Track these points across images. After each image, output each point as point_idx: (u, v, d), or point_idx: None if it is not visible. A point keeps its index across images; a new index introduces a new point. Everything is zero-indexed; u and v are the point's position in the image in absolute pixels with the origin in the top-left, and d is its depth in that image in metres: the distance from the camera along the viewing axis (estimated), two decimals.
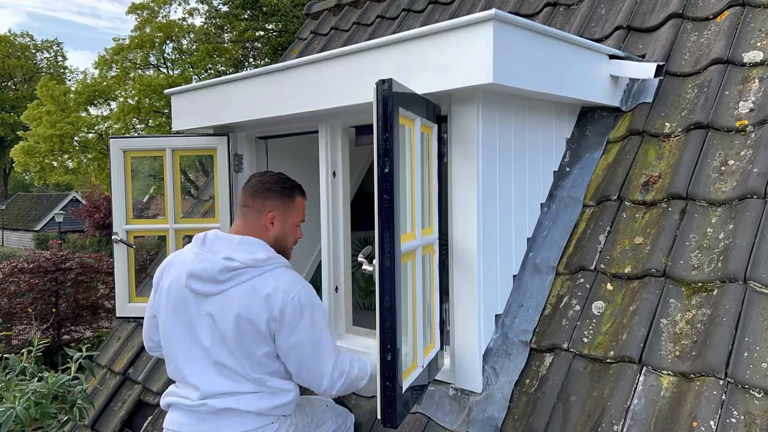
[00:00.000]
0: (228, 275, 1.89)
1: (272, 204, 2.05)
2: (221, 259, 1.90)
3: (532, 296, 2.34)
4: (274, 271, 1.94)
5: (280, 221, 2.06)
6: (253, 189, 2.06)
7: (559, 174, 2.60)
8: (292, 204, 2.10)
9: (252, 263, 1.90)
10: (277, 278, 1.92)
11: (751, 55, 2.43)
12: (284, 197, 2.08)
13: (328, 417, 2.27)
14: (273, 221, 2.05)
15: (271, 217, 2.04)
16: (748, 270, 1.92)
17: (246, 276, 1.90)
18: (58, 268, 11.33)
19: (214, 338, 1.91)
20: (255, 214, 2.04)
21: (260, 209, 2.04)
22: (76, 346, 3.01)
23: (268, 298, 1.88)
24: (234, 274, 1.89)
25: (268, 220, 2.04)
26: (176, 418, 2.00)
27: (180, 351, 1.98)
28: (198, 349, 1.95)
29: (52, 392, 2.55)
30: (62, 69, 42.27)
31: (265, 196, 2.05)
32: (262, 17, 17.56)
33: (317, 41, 4.86)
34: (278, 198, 2.07)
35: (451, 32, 2.08)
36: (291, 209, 2.10)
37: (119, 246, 3.24)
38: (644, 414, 1.83)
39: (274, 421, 1.96)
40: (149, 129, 22.72)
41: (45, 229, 29.49)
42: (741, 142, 2.24)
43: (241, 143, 3.21)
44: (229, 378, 1.92)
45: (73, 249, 19.10)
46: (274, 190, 2.06)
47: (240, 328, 1.88)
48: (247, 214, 2.05)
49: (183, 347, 1.98)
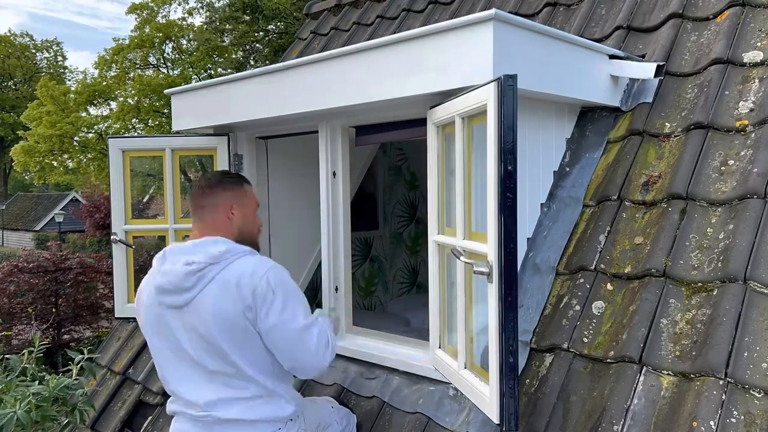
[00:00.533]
0: (192, 279, 1.85)
1: (226, 196, 2.02)
2: (182, 265, 1.86)
3: (532, 296, 2.34)
4: (237, 261, 1.89)
5: (240, 210, 2.04)
6: (202, 188, 2.03)
7: (559, 174, 2.60)
8: (243, 192, 2.08)
9: (211, 260, 1.86)
10: (242, 266, 1.88)
11: (751, 55, 2.43)
12: (235, 187, 2.07)
13: (333, 419, 2.27)
14: (233, 211, 2.02)
15: (229, 208, 2.02)
16: (748, 270, 1.92)
17: (210, 274, 1.85)
18: (58, 268, 11.33)
19: (200, 348, 1.87)
20: (211, 211, 2.00)
21: (215, 204, 2.01)
22: (76, 346, 3.02)
23: (238, 287, 1.83)
24: (198, 276, 1.85)
25: (228, 212, 2.01)
26: (182, 428, 1.97)
27: (170, 370, 1.96)
28: (187, 364, 1.91)
29: (53, 395, 2.55)
30: (62, 69, 42.26)
31: (215, 191, 2.02)
32: (262, 20, 17.56)
33: (317, 41, 4.86)
34: (230, 189, 2.04)
35: (452, 32, 2.08)
36: (245, 197, 2.08)
37: (118, 246, 3.24)
38: (644, 414, 1.83)
39: (282, 427, 1.94)
40: (149, 129, 22.70)
41: (45, 229, 29.47)
42: (741, 142, 2.24)
43: (241, 143, 3.21)
44: (227, 385, 1.89)
45: (73, 249, 19.11)
46: (222, 184, 2.04)
47: (223, 328, 1.84)
48: (203, 213, 2.01)
49: (172, 366, 1.95)
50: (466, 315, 2.14)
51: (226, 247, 1.90)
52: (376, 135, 2.79)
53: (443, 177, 2.33)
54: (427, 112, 2.35)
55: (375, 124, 2.72)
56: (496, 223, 1.80)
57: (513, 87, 1.77)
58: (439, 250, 2.37)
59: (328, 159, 2.79)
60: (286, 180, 3.52)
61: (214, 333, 1.84)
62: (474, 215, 2.09)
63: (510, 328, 1.79)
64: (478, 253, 1.96)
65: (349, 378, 2.66)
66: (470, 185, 2.10)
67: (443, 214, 2.35)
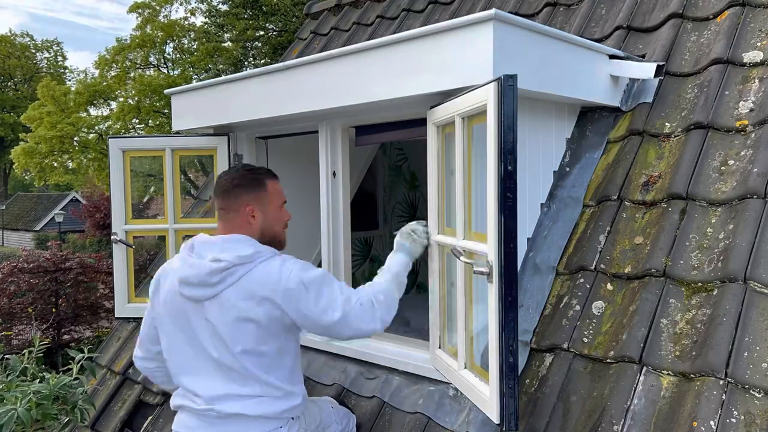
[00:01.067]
0: (218, 277, 1.86)
1: (246, 198, 2.01)
2: (208, 261, 1.88)
3: (532, 296, 2.34)
4: (262, 264, 1.90)
5: (260, 212, 2.02)
6: (223, 189, 2.03)
7: (559, 174, 2.60)
8: (264, 192, 2.05)
9: (239, 261, 1.87)
10: (268, 269, 1.89)
11: (751, 55, 2.43)
12: (255, 188, 2.04)
13: (334, 419, 2.27)
14: (253, 214, 2.01)
15: (250, 212, 2.01)
16: (748, 270, 1.92)
17: (237, 275, 1.86)
18: (58, 268, 11.33)
19: (214, 343, 1.89)
20: (232, 213, 2.01)
21: (236, 207, 2.00)
22: (77, 346, 3.02)
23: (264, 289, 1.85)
24: (224, 275, 1.86)
25: (248, 215, 2.00)
26: (185, 421, 1.98)
27: (180, 360, 1.98)
28: (199, 355, 1.93)
29: (53, 393, 2.55)
30: (62, 69, 42.28)
31: (235, 193, 2.01)
32: (262, 17, 17.56)
33: (317, 41, 4.86)
34: (249, 191, 2.02)
35: (452, 32, 2.08)
36: (266, 197, 2.05)
37: (118, 246, 3.24)
38: (644, 414, 1.83)
39: (283, 425, 1.95)
40: (149, 129, 22.70)
41: (45, 229, 29.48)
42: (741, 142, 2.24)
43: (241, 143, 3.21)
44: (234, 381, 1.90)
45: (73, 249, 19.09)
46: (242, 185, 2.02)
47: (241, 328, 1.86)
48: (226, 214, 2.02)
49: (182, 357, 1.97)
50: (466, 315, 2.14)
51: (253, 250, 1.91)
52: (376, 135, 2.79)
53: (443, 177, 2.33)
54: (427, 112, 2.35)
55: (375, 124, 2.73)
56: (496, 223, 1.80)
57: (513, 87, 1.77)
58: (439, 250, 2.37)
59: (328, 159, 2.79)
60: (286, 180, 3.48)
61: (232, 331, 1.86)
62: (474, 215, 2.09)
63: (510, 328, 1.79)
64: (478, 253, 1.96)
65: (349, 378, 2.66)
66: (470, 185, 2.10)
67: (443, 214, 2.35)
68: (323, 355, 2.82)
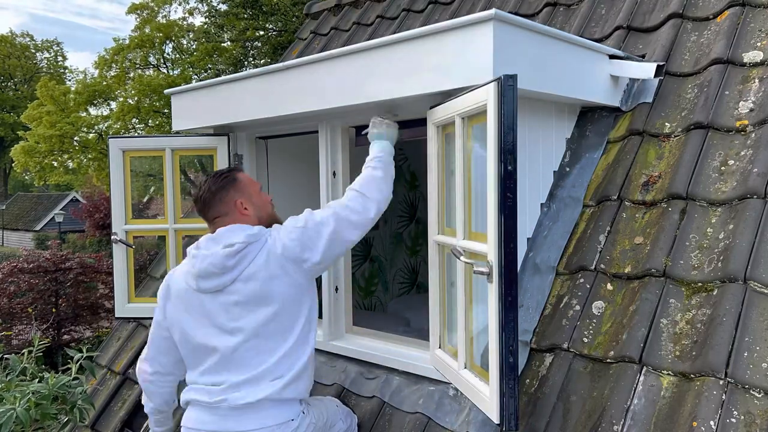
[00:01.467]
0: (235, 259, 1.94)
1: (231, 196, 2.09)
2: (222, 248, 1.96)
3: (532, 296, 2.34)
4: (269, 237, 2.02)
5: (249, 201, 2.12)
6: (205, 203, 2.10)
7: (559, 174, 2.60)
8: (241, 183, 2.14)
9: (250, 239, 1.98)
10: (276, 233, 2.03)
11: (751, 55, 2.43)
12: (232, 184, 2.12)
13: (339, 417, 2.30)
14: (245, 206, 2.10)
15: (240, 205, 2.09)
16: (748, 270, 1.92)
17: (253, 251, 1.97)
18: (58, 268, 11.33)
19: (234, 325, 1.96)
20: (226, 216, 2.09)
21: (226, 209, 2.09)
22: (77, 346, 3.01)
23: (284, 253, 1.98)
24: (240, 256, 1.95)
25: (240, 209, 2.09)
26: (196, 416, 2.01)
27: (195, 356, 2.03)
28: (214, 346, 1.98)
29: (52, 393, 2.55)
30: (62, 69, 42.26)
31: (219, 197, 2.09)
32: (262, 16, 17.54)
33: (317, 41, 4.86)
34: (229, 189, 2.10)
35: (452, 32, 2.08)
36: (245, 187, 2.14)
37: (118, 246, 3.24)
38: (644, 414, 1.83)
39: (294, 418, 2.00)
40: (149, 129, 22.70)
41: (45, 229, 29.46)
42: (741, 142, 2.24)
43: (241, 143, 3.21)
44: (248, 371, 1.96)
45: (73, 249, 19.09)
46: (220, 188, 2.10)
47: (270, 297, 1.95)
48: (222, 220, 2.09)
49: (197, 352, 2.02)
50: (466, 315, 2.14)
51: (257, 229, 2.04)
52: None
53: (443, 177, 2.33)
54: (427, 112, 2.35)
55: None
56: (496, 223, 1.80)
57: (513, 87, 1.77)
58: (439, 250, 2.37)
59: (328, 159, 2.79)
60: (286, 180, 3.52)
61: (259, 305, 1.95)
62: (474, 215, 2.09)
63: (510, 328, 1.79)
64: (478, 253, 1.96)
65: (349, 378, 2.66)
66: (470, 185, 2.10)
67: (443, 214, 2.35)
68: (323, 355, 2.82)
